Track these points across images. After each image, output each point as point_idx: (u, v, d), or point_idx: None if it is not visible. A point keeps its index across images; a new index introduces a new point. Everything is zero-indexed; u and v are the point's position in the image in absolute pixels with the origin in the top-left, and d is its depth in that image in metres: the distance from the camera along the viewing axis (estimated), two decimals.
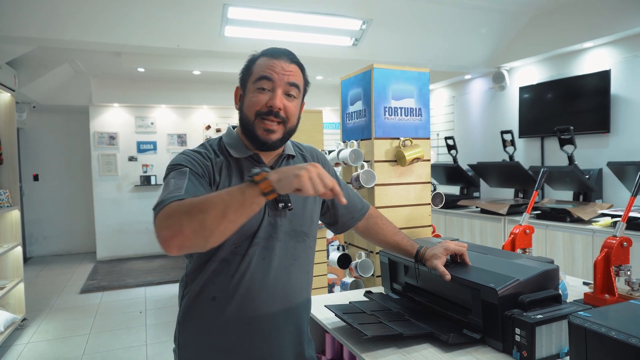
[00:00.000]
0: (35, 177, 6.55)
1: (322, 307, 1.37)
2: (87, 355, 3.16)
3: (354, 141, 1.90)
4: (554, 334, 1.01)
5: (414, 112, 1.86)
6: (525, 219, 1.68)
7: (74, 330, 3.62)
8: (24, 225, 6.05)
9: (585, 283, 1.62)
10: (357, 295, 1.58)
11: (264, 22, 3.52)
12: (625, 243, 1.32)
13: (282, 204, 1.04)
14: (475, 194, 4.56)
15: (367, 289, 1.67)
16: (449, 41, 4.23)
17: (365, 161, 1.84)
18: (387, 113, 1.80)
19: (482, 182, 4.60)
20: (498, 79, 4.65)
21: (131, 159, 6.43)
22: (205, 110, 6.72)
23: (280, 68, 1.03)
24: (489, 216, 3.86)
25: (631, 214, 2.73)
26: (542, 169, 1.81)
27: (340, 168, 2.06)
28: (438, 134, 5.78)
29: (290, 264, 1.08)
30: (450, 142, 4.66)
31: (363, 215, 1.31)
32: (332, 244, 3.08)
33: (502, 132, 4.10)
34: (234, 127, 1.15)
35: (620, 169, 3.12)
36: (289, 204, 1.05)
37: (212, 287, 1.03)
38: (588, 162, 3.80)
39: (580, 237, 3.10)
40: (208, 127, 6.74)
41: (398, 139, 1.83)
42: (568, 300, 1.38)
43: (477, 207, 4.17)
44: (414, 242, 1.33)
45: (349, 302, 1.40)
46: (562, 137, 3.45)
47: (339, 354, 1.43)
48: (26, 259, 6.07)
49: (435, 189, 2.02)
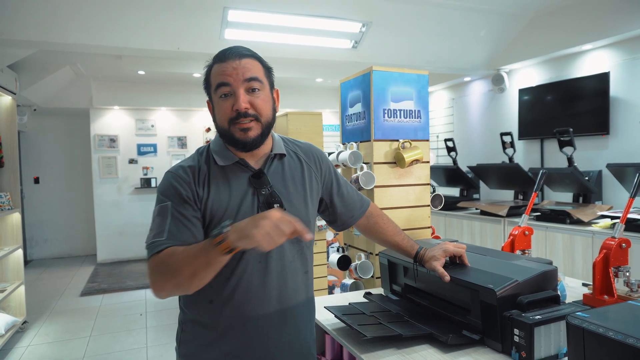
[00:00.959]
0: (36, 180, 6.56)
1: (322, 309, 1.38)
2: (87, 358, 3.16)
3: (354, 143, 1.91)
4: (552, 335, 1.01)
5: (413, 114, 1.87)
6: (524, 220, 1.69)
7: (75, 333, 3.62)
8: (25, 228, 6.06)
9: (584, 284, 1.62)
10: (357, 296, 1.59)
11: (264, 24, 3.54)
12: (624, 244, 1.33)
13: (276, 205, 1.04)
14: (475, 196, 4.57)
15: (367, 290, 1.68)
16: (449, 43, 4.24)
17: (365, 163, 1.84)
18: (386, 115, 1.81)
19: (481, 184, 4.61)
20: (497, 81, 4.66)
21: (131, 161, 6.43)
22: (205, 113, 6.72)
23: (231, 69, 1.01)
24: (488, 218, 3.87)
25: (630, 216, 2.74)
26: (542, 171, 1.81)
27: (339, 170, 2.07)
28: (438, 136, 5.79)
29: (287, 266, 1.08)
30: (449, 143, 4.66)
31: (363, 214, 1.31)
32: (332, 245, 3.08)
33: (502, 134, 4.11)
34: None
35: (620, 171, 3.12)
36: (282, 205, 1.05)
37: (209, 290, 1.02)
38: (587, 163, 3.80)
39: (579, 239, 3.10)
40: (208, 130, 6.75)
41: (397, 141, 1.83)
42: (567, 302, 1.38)
43: (476, 209, 4.17)
44: (414, 243, 1.33)
45: (349, 304, 1.41)
46: (562, 138, 3.46)
47: (338, 354, 1.43)
48: (27, 262, 6.08)
49: (434, 191, 2.03)
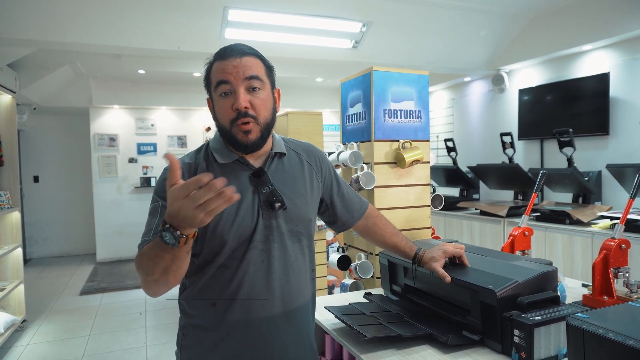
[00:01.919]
0: (36, 179, 6.55)
1: (321, 309, 1.38)
2: (86, 357, 3.15)
3: (354, 143, 1.91)
4: (552, 336, 1.01)
5: (414, 114, 1.87)
6: (524, 221, 1.69)
7: (74, 332, 3.62)
8: (24, 227, 6.05)
9: (584, 285, 1.62)
10: (357, 296, 1.59)
11: (264, 24, 3.54)
12: (623, 245, 1.33)
13: (277, 204, 1.03)
14: (475, 196, 4.57)
15: (367, 290, 1.68)
16: (449, 43, 4.25)
17: (365, 163, 1.85)
18: (386, 115, 1.81)
19: (481, 184, 4.61)
20: (497, 81, 4.67)
21: (131, 160, 6.43)
22: (205, 112, 6.72)
23: (232, 67, 0.99)
24: (488, 218, 3.87)
25: (630, 216, 2.74)
26: (542, 171, 1.81)
27: (340, 170, 2.07)
28: (438, 136, 5.79)
29: (289, 265, 1.06)
30: (449, 144, 4.67)
31: (362, 214, 1.30)
32: (332, 245, 3.08)
33: (502, 134, 4.11)
34: None
35: (620, 171, 3.12)
36: (284, 204, 1.04)
37: (211, 292, 1.01)
38: (587, 164, 3.80)
39: (579, 239, 3.10)
40: (208, 129, 6.75)
41: (397, 141, 1.83)
42: (567, 302, 1.38)
43: (476, 209, 4.17)
44: (413, 244, 1.33)
45: (349, 304, 1.41)
46: (562, 139, 3.46)
47: (338, 355, 1.43)
48: (26, 261, 6.07)
49: (434, 191, 2.03)
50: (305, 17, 3.53)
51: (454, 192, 4.89)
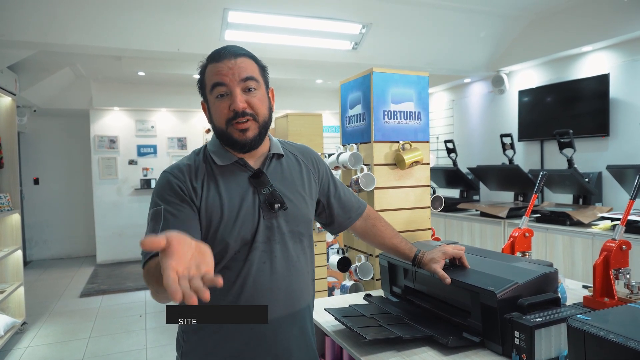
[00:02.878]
0: (36, 181, 6.56)
1: (321, 311, 1.37)
2: (87, 359, 3.15)
3: (354, 145, 1.91)
4: (553, 337, 1.01)
5: (413, 115, 1.86)
6: (524, 222, 1.69)
7: (74, 334, 3.62)
8: (24, 229, 6.05)
9: (584, 286, 1.62)
10: (357, 298, 1.59)
11: (264, 26, 3.54)
12: (624, 246, 1.32)
13: (277, 205, 1.03)
14: (475, 197, 4.56)
15: (367, 292, 1.67)
16: (449, 45, 4.25)
17: (365, 164, 1.84)
18: (386, 117, 1.81)
19: (481, 186, 4.60)
20: (497, 83, 4.67)
21: (131, 162, 6.43)
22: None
23: (227, 69, 1.00)
24: (488, 219, 3.87)
25: (630, 217, 2.73)
26: (542, 172, 1.81)
27: (339, 171, 2.07)
28: (438, 137, 5.79)
29: (292, 266, 1.06)
30: (449, 145, 4.66)
31: (360, 215, 1.29)
32: (332, 247, 3.08)
33: (502, 136, 4.11)
34: None
35: (620, 172, 3.12)
36: (284, 204, 1.04)
37: (214, 294, 1.01)
38: (587, 165, 3.80)
39: (579, 241, 3.09)
40: (208, 131, 6.75)
41: (397, 142, 1.83)
42: (567, 304, 1.38)
43: (476, 211, 4.17)
44: (412, 246, 1.32)
45: (349, 306, 1.40)
46: (562, 140, 3.46)
47: (338, 357, 1.43)
48: (26, 263, 6.07)
49: (434, 192, 2.03)
50: (305, 19, 3.54)
51: (454, 193, 4.89)
